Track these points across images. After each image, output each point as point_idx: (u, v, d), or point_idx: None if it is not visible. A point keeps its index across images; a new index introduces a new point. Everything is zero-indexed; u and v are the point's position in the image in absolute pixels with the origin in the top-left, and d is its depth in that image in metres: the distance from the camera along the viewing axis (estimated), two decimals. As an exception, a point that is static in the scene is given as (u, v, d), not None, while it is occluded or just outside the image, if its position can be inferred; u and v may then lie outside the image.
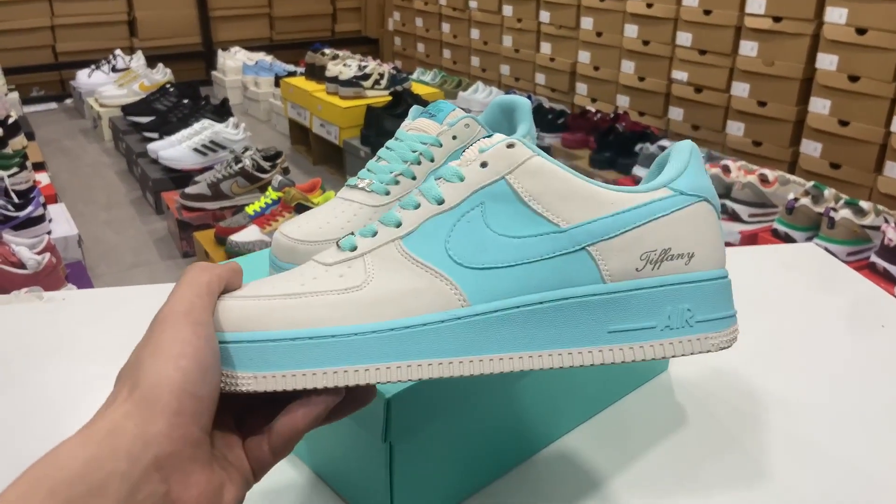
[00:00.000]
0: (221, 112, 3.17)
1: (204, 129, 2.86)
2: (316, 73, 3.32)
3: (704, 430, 0.60)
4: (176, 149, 2.82)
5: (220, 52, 4.48)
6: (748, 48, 2.70)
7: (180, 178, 2.74)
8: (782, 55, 2.60)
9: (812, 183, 2.12)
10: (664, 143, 2.53)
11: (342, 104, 3.07)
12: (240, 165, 2.48)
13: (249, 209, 2.17)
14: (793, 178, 2.26)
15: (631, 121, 2.96)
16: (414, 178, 0.55)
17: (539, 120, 3.05)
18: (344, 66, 3.16)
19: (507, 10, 3.80)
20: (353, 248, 0.40)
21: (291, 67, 4.10)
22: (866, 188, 2.40)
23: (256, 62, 4.18)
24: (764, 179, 2.21)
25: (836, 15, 2.38)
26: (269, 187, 2.21)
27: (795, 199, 2.06)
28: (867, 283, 0.85)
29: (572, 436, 0.59)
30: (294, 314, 0.37)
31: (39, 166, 2.75)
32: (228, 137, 2.85)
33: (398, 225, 0.40)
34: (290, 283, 0.39)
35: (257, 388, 0.36)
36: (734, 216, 2.23)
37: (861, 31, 2.33)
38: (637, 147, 2.60)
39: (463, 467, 0.52)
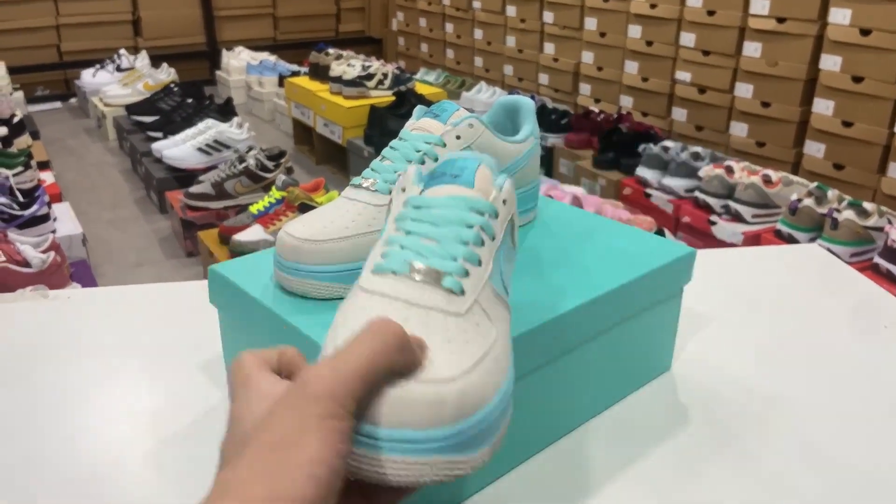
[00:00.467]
0: (225, 112, 3.18)
1: (208, 129, 2.87)
2: (320, 73, 3.33)
3: (707, 429, 0.60)
4: (180, 148, 2.83)
5: (224, 51, 4.49)
6: (752, 49, 2.70)
7: (184, 177, 2.75)
8: (786, 56, 2.60)
9: (815, 184, 2.12)
10: (667, 143, 2.53)
11: (346, 104, 3.08)
12: (243, 165, 2.49)
13: (253, 208, 2.17)
14: (796, 178, 2.26)
15: (634, 121, 2.96)
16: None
17: (542, 120, 3.05)
18: (348, 65, 3.16)
19: (511, 11, 3.81)
20: (461, 290, 0.39)
21: (295, 67, 4.11)
22: (870, 189, 2.40)
23: (260, 62, 4.19)
24: (767, 180, 2.21)
25: (839, 16, 2.38)
26: (273, 187, 2.21)
27: (799, 200, 2.06)
28: (870, 284, 0.85)
29: (574, 435, 0.59)
30: (477, 393, 0.35)
31: (44, 165, 2.76)
32: (232, 137, 2.86)
33: (480, 263, 0.41)
34: (458, 355, 0.36)
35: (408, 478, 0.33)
36: (737, 217, 2.22)
37: (865, 32, 2.33)
38: (640, 147, 2.60)
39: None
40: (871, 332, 0.75)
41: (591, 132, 2.94)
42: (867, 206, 1.96)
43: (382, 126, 2.90)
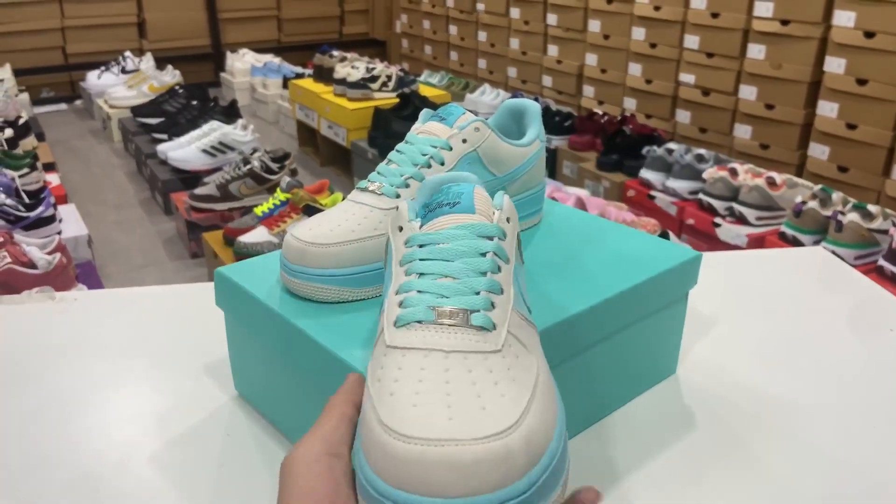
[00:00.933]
0: (230, 113, 3.18)
1: (213, 131, 2.88)
2: (324, 75, 3.33)
3: (712, 432, 0.60)
4: (185, 150, 2.83)
5: (228, 53, 4.50)
6: (756, 51, 2.70)
7: (189, 179, 2.75)
8: (790, 58, 2.60)
9: (820, 186, 2.12)
10: (671, 145, 2.53)
11: (350, 106, 3.08)
12: (248, 167, 2.49)
13: (258, 210, 2.18)
14: (800, 181, 2.26)
15: (638, 123, 2.95)
16: (423, 181, 0.55)
17: (546, 122, 3.04)
18: (352, 68, 3.17)
19: (515, 13, 3.81)
20: (492, 325, 0.37)
21: (299, 69, 4.12)
22: (874, 191, 2.40)
23: (265, 64, 4.20)
24: (771, 182, 2.20)
25: (844, 18, 2.38)
26: (278, 188, 2.21)
27: (803, 203, 2.06)
28: (875, 286, 0.85)
29: (580, 439, 0.59)
30: (540, 431, 0.33)
31: (50, 167, 2.76)
32: (237, 139, 2.87)
33: (501, 290, 0.39)
34: (509, 397, 0.34)
35: None
36: (741, 219, 2.22)
37: (869, 35, 2.32)
38: (644, 150, 2.60)
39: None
40: (876, 334, 0.75)
41: (595, 134, 2.94)
42: (872, 208, 1.96)
43: (386, 128, 2.90)
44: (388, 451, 0.31)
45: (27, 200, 2.14)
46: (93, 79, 4.03)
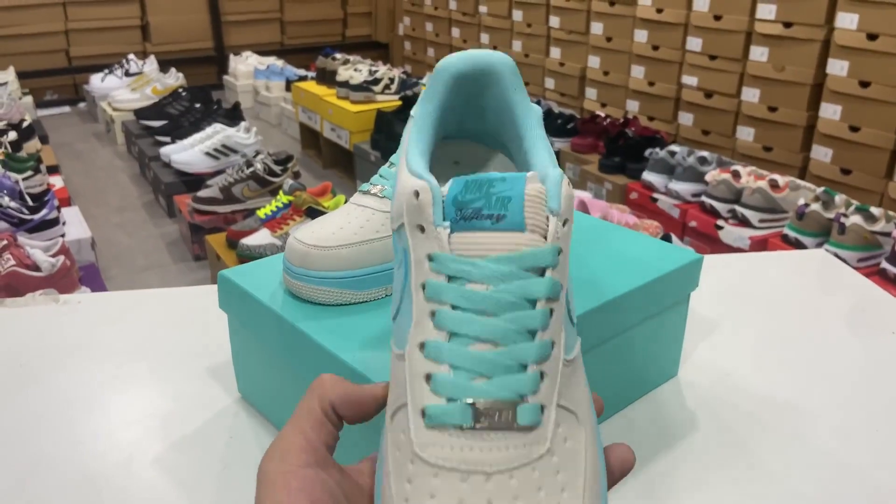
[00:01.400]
0: (233, 116, 3.19)
1: (216, 133, 2.88)
2: (327, 78, 3.34)
3: (714, 434, 0.60)
4: (188, 152, 2.84)
5: (231, 56, 4.51)
6: (758, 53, 2.70)
7: (192, 181, 2.76)
8: (793, 60, 2.60)
9: (823, 188, 2.12)
10: (674, 148, 2.53)
11: (352, 108, 3.09)
12: (251, 169, 2.50)
13: (261, 213, 2.18)
14: (803, 183, 2.26)
15: (641, 126, 2.95)
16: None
17: (548, 125, 3.05)
18: (354, 70, 3.18)
19: (517, 15, 3.81)
20: (539, 415, 0.29)
21: (302, 72, 4.12)
22: (877, 194, 2.39)
23: (268, 66, 4.21)
24: (774, 185, 2.20)
25: (846, 20, 2.38)
26: (280, 191, 2.22)
27: (806, 205, 2.06)
28: (877, 289, 0.85)
29: (581, 440, 0.59)
30: None
31: (53, 169, 2.77)
32: (240, 141, 2.87)
33: (553, 346, 0.30)
34: None
35: None
36: (744, 221, 2.22)
37: (872, 37, 2.32)
38: (647, 152, 2.60)
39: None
40: (879, 337, 0.75)
41: (598, 136, 2.94)
42: (874, 210, 1.96)
43: (389, 130, 2.90)
44: None
45: (31, 203, 2.15)
46: (96, 81, 4.04)
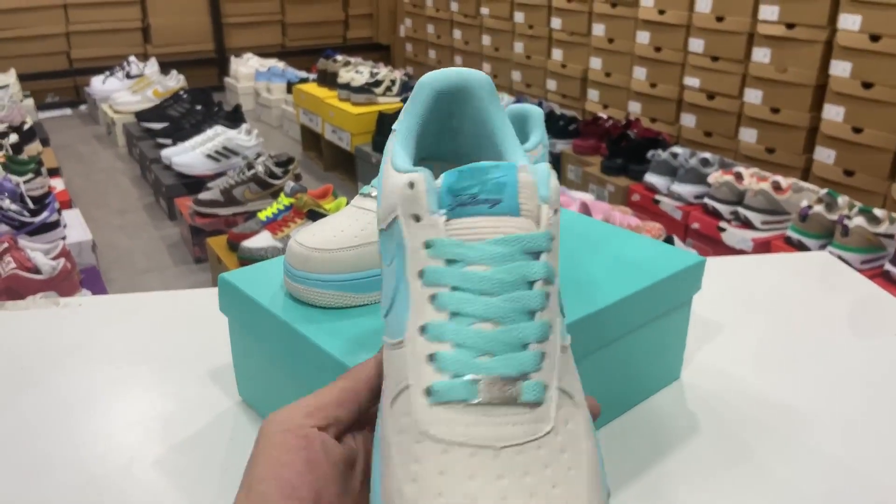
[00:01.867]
0: (234, 118, 3.19)
1: (217, 136, 2.88)
2: (328, 80, 3.34)
3: (717, 437, 0.60)
4: (189, 155, 2.84)
5: (232, 58, 4.52)
6: (761, 55, 2.69)
7: (193, 183, 2.76)
8: (795, 62, 2.59)
9: (826, 190, 2.11)
10: (676, 149, 2.52)
11: (354, 110, 3.09)
12: (252, 171, 2.50)
13: (261, 215, 2.18)
14: (806, 185, 2.25)
15: (643, 127, 2.95)
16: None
17: (550, 126, 3.05)
18: (356, 72, 3.17)
19: (519, 17, 3.81)
20: (542, 392, 0.29)
21: (303, 74, 4.12)
22: (880, 195, 2.39)
23: (269, 69, 4.21)
24: (777, 186, 2.20)
25: (849, 21, 2.37)
26: (282, 193, 2.22)
27: (809, 207, 2.05)
28: (881, 291, 0.84)
29: (585, 444, 0.58)
30: None
31: (54, 172, 2.77)
32: (241, 144, 2.87)
33: (551, 328, 0.31)
34: (568, 497, 0.28)
35: None
36: (747, 223, 2.22)
37: (875, 38, 2.32)
38: (649, 153, 2.60)
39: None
40: (882, 340, 0.75)
41: (600, 138, 2.94)
42: (878, 212, 1.95)
43: (390, 132, 2.90)
44: None
45: (32, 206, 2.15)
46: (97, 84, 4.04)
